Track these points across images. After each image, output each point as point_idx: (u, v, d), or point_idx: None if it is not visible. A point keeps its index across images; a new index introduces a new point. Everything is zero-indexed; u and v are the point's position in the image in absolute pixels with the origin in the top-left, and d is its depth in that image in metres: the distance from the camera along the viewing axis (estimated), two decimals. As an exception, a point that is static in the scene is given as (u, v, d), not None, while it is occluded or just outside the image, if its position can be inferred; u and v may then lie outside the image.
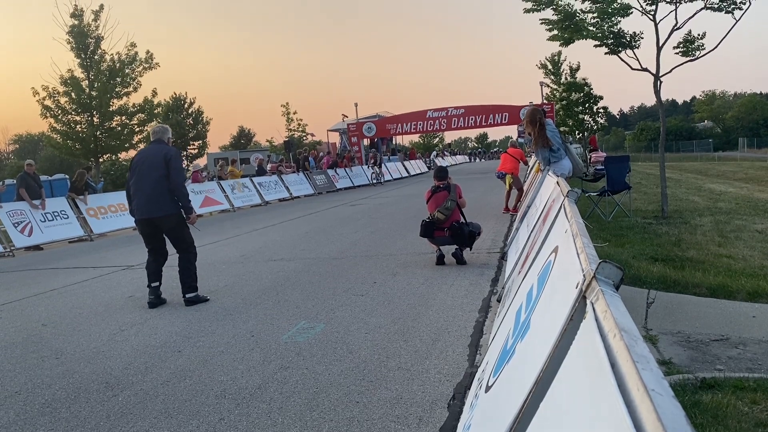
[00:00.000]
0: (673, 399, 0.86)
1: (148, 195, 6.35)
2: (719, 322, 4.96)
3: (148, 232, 6.54)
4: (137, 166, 6.49)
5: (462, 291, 6.13)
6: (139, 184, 6.41)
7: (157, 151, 6.50)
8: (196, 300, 6.41)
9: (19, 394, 4.17)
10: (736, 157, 54.69)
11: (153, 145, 6.64)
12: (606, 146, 70.58)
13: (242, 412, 3.59)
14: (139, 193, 6.41)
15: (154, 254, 6.62)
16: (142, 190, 6.39)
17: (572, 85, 30.16)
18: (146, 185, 6.36)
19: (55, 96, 28.31)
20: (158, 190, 6.35)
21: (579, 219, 2.71)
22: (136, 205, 6.45)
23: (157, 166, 6.36)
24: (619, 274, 1.50)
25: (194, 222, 6.66)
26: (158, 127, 6.81)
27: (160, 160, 6.38)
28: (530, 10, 11.75)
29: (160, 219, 6.41)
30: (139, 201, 6.40)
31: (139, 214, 6.44)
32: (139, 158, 6.59)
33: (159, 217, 6.40)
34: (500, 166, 13.18)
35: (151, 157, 6.46)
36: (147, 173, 6.38)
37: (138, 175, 6.43)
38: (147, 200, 6.35)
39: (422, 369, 4.06)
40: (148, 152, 6.58)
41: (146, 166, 6.41)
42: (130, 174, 6.55)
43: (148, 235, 6.56)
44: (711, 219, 10.97)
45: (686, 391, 3.43)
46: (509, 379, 2.13)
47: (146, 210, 6.39)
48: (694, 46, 11.13)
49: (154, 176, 6.35)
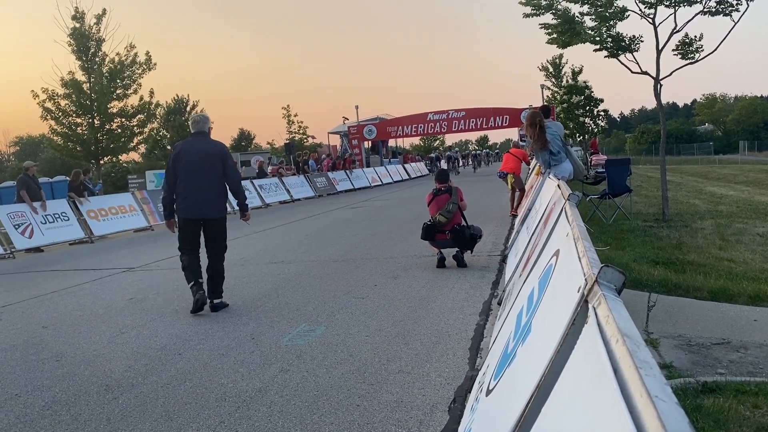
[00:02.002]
0: (676, 405, 0.85)
1: (204, 194, 5.93)
2: (720, 325, 4.96)
3: (194, 232, 6.10)
4: (186, 160, 5.93)
5: (463, 294, 6.13)
6: (192, 181, 5.90)
7: (209, 146, 6.05)
8: (221, 306, 6.13)
9: (20, 396, 4.17)
10: (736, 160, 54.69)
11: (199, 137, 6.11)
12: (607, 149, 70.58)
13: (242, 415, 3.58)
14: (193, 191, 5.92)
15: (194, 254, 6.12)
16: (197, 188, 5.91)
17: (573, 87, 30.21)
18: (202, 183, 5.91)
19: (55, 98, 28.34)
20: (215, 189, 5.99)
21: (580, 222, 2.71)
22: (186, 204, 5.94)
23: (213, 162, 5.94)
24: (621, 279, 1.50)
25: (249, 219, 6.40)
26: (199, 116, 6.23)
27: (215, 156, 5.98)
28: (530, 15, 11.79)
29: (215, 220, 6.09)
30: (193, 200, 5.93)
31: (190, 213, 5.97)
32: (186, 152, 5.99)
33: (214, 219, 6.07)
34: (502, 166, 13.19)
35: (204, 152, 5.97)
36: (201, 170, 5.91)
37: (188, 171, 5.90)
38: (203, 200, 5.94)
39: (423, 372, 4.05)
40: (197, 146, 6.03)
41: (198, 161, 5.92)
42: (173, 167, 5.97)
43: (192, 234, 6.09)
44: (712, 222, 10.97)
45: (687, 395, 3.42)
46: (510, 383, 2.13)
47: (202, 210, 5.98)
48: (692, 48, 11.15)
49: (210, 174, 5.93)
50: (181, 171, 5.94)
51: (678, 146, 73.12)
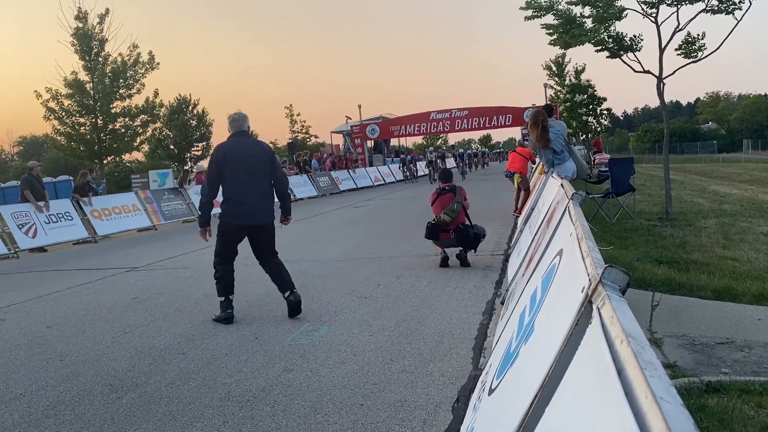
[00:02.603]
0: (682, 407, 0.85)
1: (256, 198, 5.61)
2: (724, 325, 4.94)
3: (239, 239, 5.76)
4: (234, 163, 5.54)
5: (466, 293, 6.12)
6: (243, 185, 5.54)
7: (256, 147, 5.76)
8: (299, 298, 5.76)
9: (24, 396, 4.18)
10: (740, 158, 54.53)
11: (242, 137, 5.72)
12: (610, 148, 70.47)
13: (246, 414, 3.59)
14: (246, 196, 5.56)
15: (231, 263, 5.81)
16: (250, 193, 5.57)
17: (576, 86, 30.19)
18: (254, 187, 5.58)
19: (58, 98, 28.40)
20: (266, 192, 5.68)
21: (584, 222, 2.70)
22: (238, 210, 5.56)
23: (262, 164, 5.63)
24: (625, 279, 1.50)
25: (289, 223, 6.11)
26: (238, 114, 5.81)
27: (264, 157, 5.67)
28: (531, 17, 11.78)
29: (266, 226, 5.73)
30: (246, 205, 5.56)
31: (243, 219, 5.60)
32: (233, 153, 5.58)
33: (267, 224, 5.73)
34: (509, 165, 13.20)
35: (252, 153, 5.63)
36: (251, 173, 5.57)
37: (238, 174, 5.53)
38: (255, 205, 5.61)
39: (426, 372, 4.05)
40: (244, 147, 5.65)
41: (248, 163, 5.57)
42: (218, 170, 5.57)
43: (236, 241, 5.76)
44: (716, 221, 10.94)
45: (691, 395, 3.41)
46: (513, 383, 2.13)
47: (256, 216, 5.62)
48: (695, 47, 11.13)
49: (260, 176, 5.62)
50: (229, 174, 5.53)
51: (681, 145, 72.95)
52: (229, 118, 5.78)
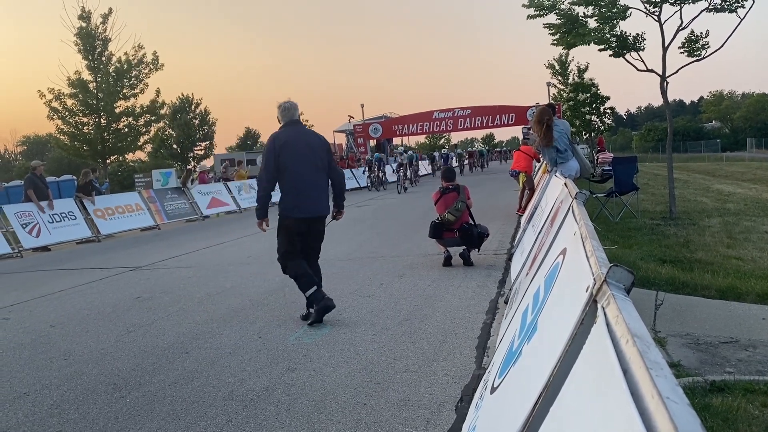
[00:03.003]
0: (688, 407, 0.85)
1: (316, 190, 5.41)
2: (728, 324, 4.93)
3: (302, 233, 5.48)
4: (292, 153, 5.32)
5: (469, 292, 6.12)
6: (303, 176, 5.33)
7: (312, 137, 5.56)
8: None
9: (28, 395, 4.19)
10: (744, 157, 54.39)
11: (296, 127, 5.51)
12: (613, 147, 70.30)
13: (250, 413, 3.59)
14: (309, 187, 5.36)
15: (301, 257, 5.51)
16: (313, 184, 5.38)
17: (579, 85, 30.13)
18: (315, 178, 5.40)
19: (62, 98, 28.45)
20: (324, 183, 5.50)
21: (588, 221, 2.70)
22: (300, 202, 5.34)
23: (320, 155, 5.43)
24: (630, 278, 1.49)
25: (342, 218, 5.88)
26: (289, 103, 5.54)
27: (321, 148, 5.49)
28: (534, 16, 11.76)
29: (323, 219, 5.56)
30: (309, 197, 5.36)
31: (307, 211, 5.38)
32: (292, 144, 5.35)
33: (324, 217, 5.55)
34: (513, 165, 13.18)
35: (309, 143, 5.42)
36: (311, 163, 5.36)
37: (298, 165, 5.32)
38: (316, 196, 5.41)
39: (429, 371, 4.05)
40: (300, 137, 5.44)
41: (306, 154, 5.36)
42: (276, 160, 5.32)
43: (301, 235, 5.49)
44: (719, 220, 10.92)
45: (696, 394, 3.40)
46: (516, 381, 2.12)
47: (316, 208, 5.42)
48: (698, 45, 11.10)
49: (318, 167, 5.42)
50: (287, 165, 5.30)
51: (685, 144, 72.82)
52: (281, 107, 5.54)
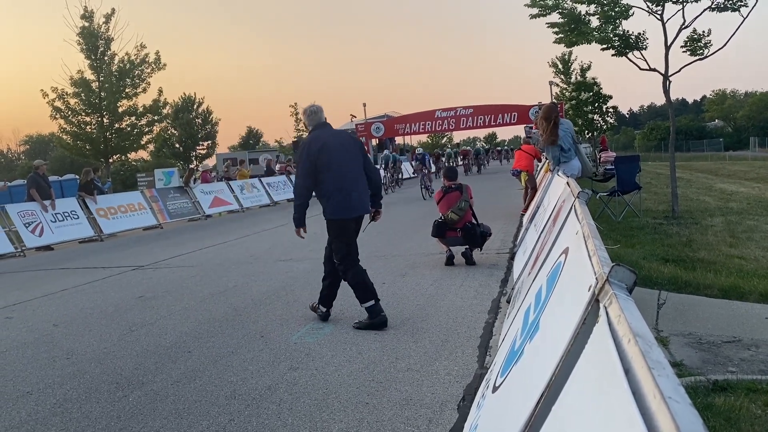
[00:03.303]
0: (690, 407, 0.85)
1: (361, 188, 5.38)
2: (731, 323, 4.92)
3: (355, 232, 5.45)
4: (331, 154, 5.27)
5: (471, 292, 6.12)
6: (345, 176, 5.29)
7: (345, 137, 5.58)
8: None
9: (31, 394, 4.20)
10: (747, 156, 54.25)
11: (328, 129, 5.51)
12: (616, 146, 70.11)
13: (252, 412, 3.59)
14: (353, 186, 5.31)
15: (359, 262, 5.46)
16: (355, 182, 5.34)
17: (582, 84, 30.08)
18: (356, 177, 5.36)
19: (64, 97, 28.49)
20: (364, 181, 5.45)
21: (590, 220, 2.70)
22: (348, 202, 5.29)
23: (356, 154, 5.42)
24: (632, 278, 1.49)
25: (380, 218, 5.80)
26: (315, 106, 5.54)
27: (356, 147, 5.50)
28: (536, 16, 11.75)
29: (364, 218, 5.54)
30: (354, 196, 5.31)
31: (354, 210, 5.33)
32: (329, 146, 5.30)
33: (365, 216, 5.53)
34: (515, 164, 13.17)
35: (344, 143, 5.41)
36: (349, 163, 5.34)
37: (338, 166, 5.26)
38: (359, 194, 5.36)
39: (432, 370, 4.05)
40: (335, 138, 5.42)
41: (344, 154, 5.33)
42: (315, 163, 5.23)
43: (353, 235, 5.43)
44: (722, 219, 10.90)
45: (698, 393, 3.40)
46: (517, 380, 2.12)
47: (362, 206, 5.39)
48: (701, 44, 11.08)
49: (357, 166, 5.38)
50: (328, 167, 5.25)
51: (688, 143, 72.66)
52: (306, 112, 5.53)
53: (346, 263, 5.36)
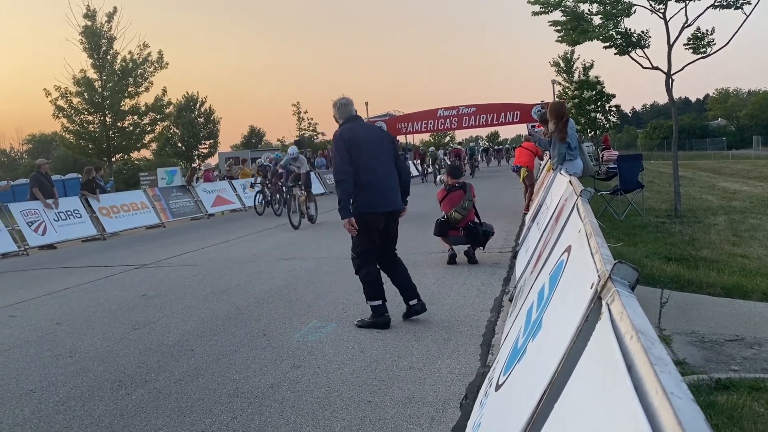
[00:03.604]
0: (692, 402, 0.85)
1: (392, 183, 5.26)
2: (734, 322, 4.91)
3: (380, 229, 5.27)
4: (364, 146, 5.15)
5: (474, 290, 6.12)
6: (376, 169, 5.16)
7: (376, 130, 5.49)
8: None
9: (34, 392, 4.21)
10: (750, 155, 54.13)
11: (358, 122, 5.38)
12: (618, 144, 70.06)
13: (255, 410, 3.60)
14: (383, 180, 5.19)
15: (375, 261, 5.38)
16: (386, 176, 5.22)
17: (584, 83, 30.02)
18: (387, 171, 5.24)
19: (67, 96, 28.51)
20: (395, 176, 5.33)
21: (593, 218, 2.70)
22: (377, 197, 5.14)
23: (387, 149, 5.31)
24: (634, 275, 1.49)
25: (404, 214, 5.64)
26: (346, 99, 5.41)
27: (387, 140, 5.41)
28: (538, 13, 11.74)
29: (398, 212, 5.40)
30: (384, 190, 5.19)
31: (383, 206, 5.18)
32: (361, 138, 5.19)
33: (399, 210, 5.39)
34: (515, 160, 13.24)
35: (375, 136, 5.31)
36: (380, 156, 5.22)
37: (369, 159, 5.14)
38: (391, 188, 5.24)
39: (434, 368, 4.05)
40: (366, 131, 5.33)
41: (375, 146, 5.22)
42: (349, 155, 5.10)
43: (378, 233, 5.28)
44: (725, 218, 10.88)
45: (701, 391, 3.40)
46: (520, 378, 2.12)
47: (392, 201, 5.25)
48: (703, 42, 11.05)
49: (388, 160, 5.28)
50: (359, 159, 5.12)
51: (690, 141, 72.48)
52: (336, 105, 5.40)
53: (362, 259, 5.30)
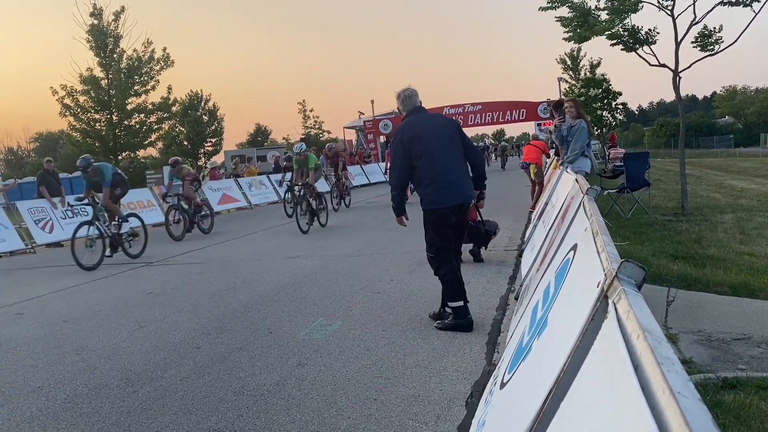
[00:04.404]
0: (699, 402, 0.84)
1: (461, 173, 4.99)
2: (741, 320, 4.89)
3: (452, 224, 5.00)
4: (425, 140, 4.92)
5: (479, 289, 6.11)
6: (444, 161, 4.90)
7: (441, 119, 5.22)
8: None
9: (42, 389, 4.23)
10: (758, 153, 53.81)
11: (421, 113, 5.14)
12: (625, 142, 69.72)
13: (260, 408, 3.61)
14: (451, 172, 4.91)
15: (453, 258, 5.10)
16: (454, 168, 4.93)
17: (591, 80, 29.94)
18: (455, 161, 4.96)
19: (74, 94, 28.63)
20: (464, 167, 5.06)
21: (599, 217, 2.69)
22: (446, 190, 4.89)
23: (452, 136, 5.02)
24: (641, 274, 1.49)
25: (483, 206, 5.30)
26: (410, 90, 5.19)
27: (452, 129, 5.09)
28: (545, 8, 11.71)
29: (469, 204, 5.18)
30: (453, 182, 4.90)
31: (453, 199, 4.90)
32: (423, 132, 4.96)
33: (470, 202, 5.18)
34: (524, 157, 13.25)
35: (438, 125, 5.04)
36: (447, 147, 4.95)
37: (435, 151, 4.90)
38: (459, 180, 4.95)
39: (440, 367, 4.05)
40: (429, 121, 5.07)
41: (439, 138, 4.96)
42: (405, 153, 4.95)
43: (450, 228, 5.00)
44: (732, 216, 10.82)
45: (708, 391, 3.38)
46: (525, 377, 2.12)
47: (463, 193, 4.97)
48: (711, 40, 11.00)
49: (454, 149, 4.99)
50: (422, 154, 4.91)
51: (697, 139, 72.10)
52: (401, 96, 5.18)
53: (439, 258, 5.03)
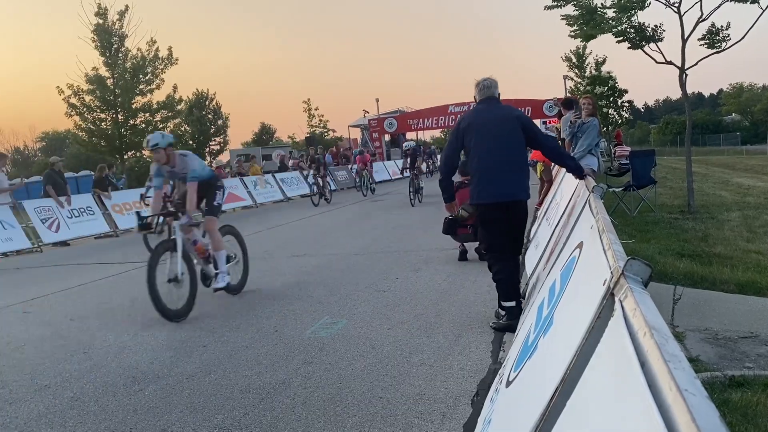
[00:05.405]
0: (707, 399, 0.84)
1: (510, 171, 4.75)
2: (748, 318, 4.87)
3: (500, 221, 4.81)
4: (478, 131, 4.78)
5: (485, 287, 6.10)
6: (491, 156, 4.72)
7: (502, 110, 4.92)
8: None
9: (49, 387, 4.25)
10: (764, 150, 53.45)
11: (489, 104, 4.92)
12: (631, 140, 69.41)
13: (266, 406, 3.61)
14: (497, 168, 4.72)
15: (509, 256, 4.92)
16: (503, 164, 4.73)
17: (597, 78, 29.85)
18: (506, 157, 4.74)
19: (80, 94, 28.70)
20: (520, 164, 4.87)
21: (605, 215, 2.68)
22: (488, 186, 4.75)
23: (511, 130, 4.77)
24: (647, 272, 1.48)
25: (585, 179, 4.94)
26: (488, 80, 4.97)
27: (513, 121, 4.81)
28: (551, 7, 11.67)
29: (520, 203, 4.87)
30: (498, 179, 4.73)
31: (496, 196, 4.74)
32: (478, 122, 4.82)
33: (521, 201, 4.86)
34: (532, 155, 13.11)
35: (498, 117, 4.82)
36: (500, 141, 4.74)
37: (485, 143, 4.74)
38: (509, 178, 4.74)
39: (445, 365, 4.05)
40: (489, 113, 4.86)
41: (494, 130, 4.75)
42: (457, 142, 4.90)
43: (501, 223, 4.82)
44: (739, 214, 10.77)
45: (715, 389, 3.37)
46: (531, 375, 2.12)
47: (509, 191, 4.76)
48: (718, 37, 10.95)
49: (510, 144, 4.77)
50: (473, 145, 4.80)
51: (704, 137, 71.73)
52: (479, 85, 5.01)
53: (491, 255, 4.94)
